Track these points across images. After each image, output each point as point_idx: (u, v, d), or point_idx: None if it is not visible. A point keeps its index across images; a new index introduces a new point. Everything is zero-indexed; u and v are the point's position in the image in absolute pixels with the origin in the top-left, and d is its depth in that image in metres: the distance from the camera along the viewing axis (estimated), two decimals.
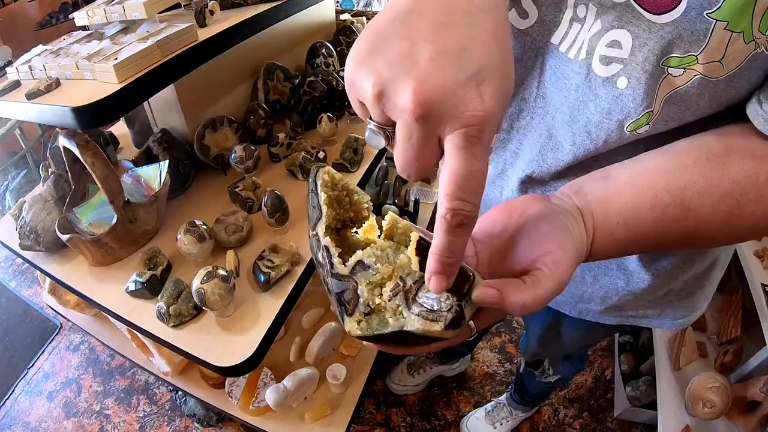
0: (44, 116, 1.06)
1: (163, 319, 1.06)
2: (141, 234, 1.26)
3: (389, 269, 0.42)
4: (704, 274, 0.75)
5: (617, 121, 0.54)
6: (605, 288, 0.76)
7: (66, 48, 1.29)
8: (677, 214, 0.47)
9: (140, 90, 1.02)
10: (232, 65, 1.47)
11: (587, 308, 0.82)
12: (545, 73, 0.61)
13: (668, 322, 0.82)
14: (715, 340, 1.73)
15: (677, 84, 0.49)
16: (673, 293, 0.77)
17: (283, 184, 1.34)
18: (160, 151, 1.35)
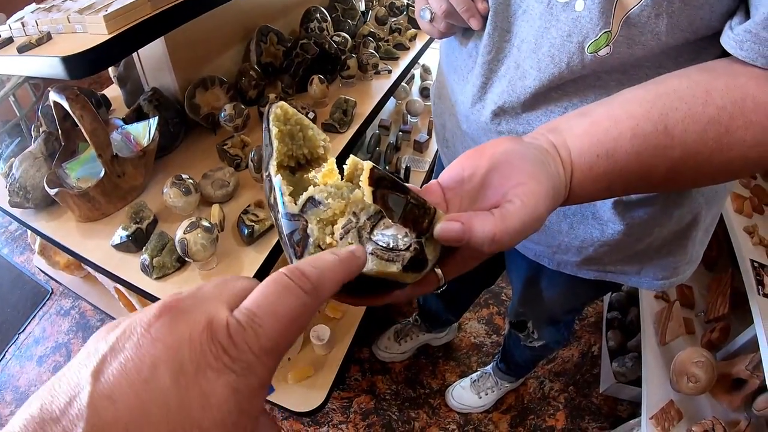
0: (34, 68, 1.09)
1: (146, 271, 1.09)
2: (129, 189, 1.28)
3: (341, 204, 0.38)
4: (684, 231, 0.77)
5: (577, 43, 0.57)
6: (581, 237, 0.78)
7: (59, 5, 1.31)
8: (661, 142, 0.45)
9: (129, 41, 1.04)
10: (225, 27, 1.48)
11: (565, 259, 0.85)
12: (510, 7, 0.64)
13: (648, 281, 0.84)
14: (703, 317, 1.76)
15: (632, 3, 0.51)
16: (652, 250, 0.79)
17: (259, 139, 1.36)
18: (151, 110, 1.37)
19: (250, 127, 1.35)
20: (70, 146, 1.38)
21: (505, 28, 0.66)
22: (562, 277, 0.91)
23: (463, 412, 1.78)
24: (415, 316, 1.89)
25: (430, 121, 2.37)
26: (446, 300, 1.67)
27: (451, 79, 0.84)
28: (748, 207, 1.68)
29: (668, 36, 0.53)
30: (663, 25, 0.52)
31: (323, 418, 1.77)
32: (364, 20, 1.91)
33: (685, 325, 1.70)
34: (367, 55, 1.56)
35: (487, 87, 0.72)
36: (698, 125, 0.45)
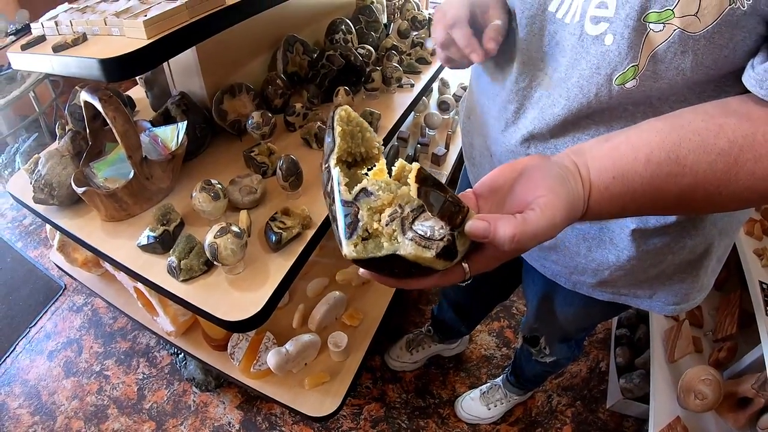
0: (70, 68, 1.10)
1: (173, 273, 1.09)
2: (156, 191, 1.29)
3: (390, 196, 0.44)
4: (697, 261, 0.78)
5: (605, 75, 0.59)
6: (597, 261, 0.80)
7: (92, 6, 1.31)
8: (672, 170, 0.48)
9: (167, 48, 1.05)
10: (253, 35, 1.50)
11: (581, 280, 0.86)
12: (544, 38, 0.67)
13: (659, 305, 0.86)
14: (711, 336, 1.76)
15: (659, 40, 0.54)
16: (665, 276, 0.80)
17: (297, 152, 1.36)
18: (178, 114, 1.38)
19: (276, 135, 1.36)
20: (97, 146, 1.39)
21: (539, 57, 0.69)
22: (577, 297, 0.93)
23: (472, 423, 1.78)
24: (427, 327, 1.88)
25: (448, 135, 2.38)
26: (460, 312, 1.67)
27: (483, 102, 0.86)
28: (758, 229, 1.69)
29: (693, 72, 0.54)
30: (688, 62, 0.54)
31: (333, 424, 1.77)
32: (387, 33, 1.92)
33: (693, 344, 1.71)
34: (391, 69, 1.57)
35: (520, 113, 0.74)
36: (709, 156, 0.47)
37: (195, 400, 1.85)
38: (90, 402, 1.89)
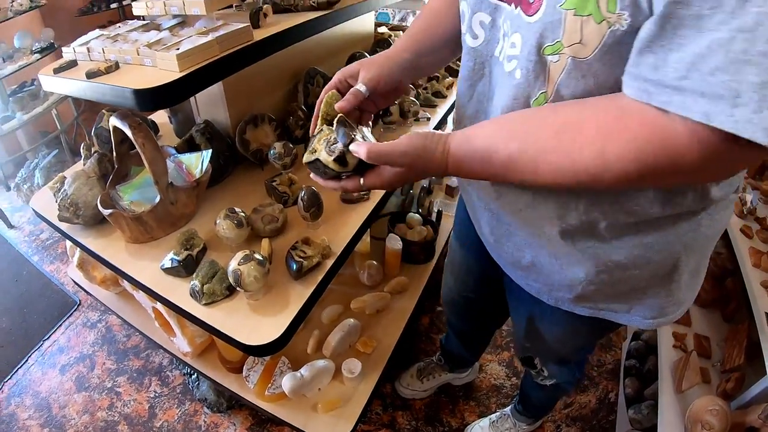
0: (103, 95, 1.13)
1: (196, 296, 1.12)
2: (179, 216, 1.32)
3: (327, 132, 0.80)
4: (666, 276, 0.82)
5: (524, 100, 0.70)
6: (570, 277, 0.85)
7: (124, 35, 1.36)
8: (509, 133, 0.65)
9: (198, 80, 1.09)
10: (276, 67, 1.54)
11: (561, 296, 0.92)
12: (484, 69, 0.80)
13: (638, 319, 0.89)
14: (719, 367, 1.76)
15: (559, 69, 0.62)
16: (638, 291, 0.85)
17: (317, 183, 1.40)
18: (203, 141, 1.42)
19: (297, 166, 1.39)
20: (122, 169, 1.43)
21: (484, 89, 0.82)
22: (561, 315, 0.97)
23: None
24: (438, 356, 1.89)
25: None
26: (463, 339, 1.70)
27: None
28: (765, 262, 1.70)
29: (599, 91, 0.60)
30: (591, 83, 0.61)
31: None
32: None
33: (701, 375, 1.71)
34: (408, 103, 1.61)
35: None
36: (536, 127, 0.62)
37: (206, 421, 1.86)
38: (100, 417, 1.90)
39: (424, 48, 0.94)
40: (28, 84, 3.31)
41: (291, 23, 1.29)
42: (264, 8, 1.30)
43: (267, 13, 1.30)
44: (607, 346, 2.17)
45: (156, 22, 1.42)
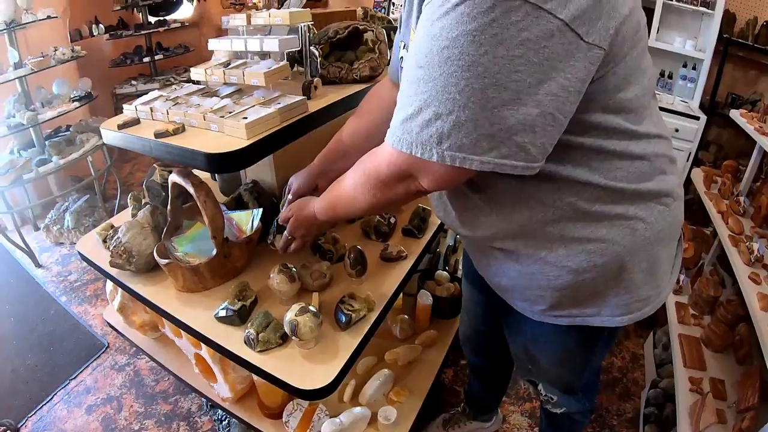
0: (171, 155, 1.26)
1: (250, 344, 1.21)
2: (231, 269, 1.43)
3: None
4: (617, 276, 0.93)
5: None
6: (539, 288, 0.98)
7: (184, 98, 1.50)
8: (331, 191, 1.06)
9: (263, 148, 1.21)
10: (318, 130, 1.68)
11: (540, 309, 1.03)
12: None
13: (609, 319, 1.00)
14: (735, 408, 1.82)
15: None
16: (600, 294, 0.97)
17: (358, 242, 1.52)
18: (251, 200, 1.54)
19: (339, 226, 1.51)
20: (175, 221, 1.53)
21: None
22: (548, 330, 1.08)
23: None
24: (462, 405, 1.95)
25: None
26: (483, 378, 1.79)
27: None
28: None
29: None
30: None
31: None
32: None
33: (717, 415, 1.76)
34: None
35: None
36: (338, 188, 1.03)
37: None
38: None
39: (332, 156, 1.37)
40: (63, 129, 3.47)
41: (339, 96, 1.43)
42: (315, 81, 1.43)
43: (317, 86, 1.44)
44: (627, 396, 2.22)
45: (213, 89, 1.55)
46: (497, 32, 0.62)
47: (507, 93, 0.65)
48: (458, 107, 0.66)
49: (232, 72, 1.46)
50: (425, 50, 0.68)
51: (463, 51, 0.64)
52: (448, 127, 0.68)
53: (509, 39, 0.63)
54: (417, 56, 0.70)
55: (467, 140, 0.68)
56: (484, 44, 0.63)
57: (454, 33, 0.64)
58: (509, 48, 0.63)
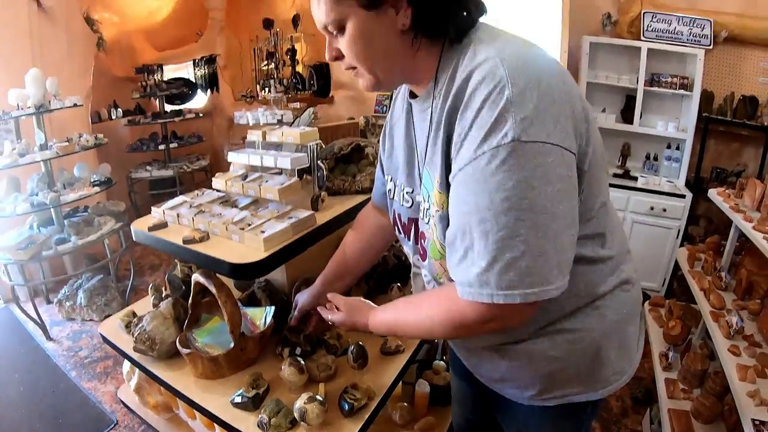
0: (197, 259, 1.53)
1: (263, 428, 1.42)
2: (246, 360, 1.66)
3: None
4: (595, 358, 1.08)
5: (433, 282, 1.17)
6: (526, 376, 1.12)
7: (206, 206, 1.77)
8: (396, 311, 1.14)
9: (278, 259, 1.47)
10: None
11: (529, 395, 1.15)
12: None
13: (591, 394, 1.14)
14: None
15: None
16: (581, 374, 1.10)
17: (360, 338, 1.71)
18: (263, 297, 1.78)
19: None
20: (195, 314, 1.77)
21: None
22: (539, 412, 1.18)
23: None
24: None
25: None
26: None
27: None
28: (752, 374, 1.95)
29: None
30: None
31: None
32: None
33: None
34: None
35: None
36: (406, 307, 1.12)
37: None
38: None
39: (330, 277, 1.52)
40: (81, 210, 3.77)
41: (343, 207, 1.71)
42: (322, 195, 1.71)
43: (324, 199, 1.72)
44: None
45: (232, 198, 1.83)
46: (542, 174, 0.80)
47: (561, 221, 0.83)
48: (530, 246, 0.81)
49: (250, 185, 1.74)
50: (485, 204, 0.82)
51: (522, 196, 0.80)
52: (525, 266, 0.82)
53: (552, 177, 0.81)
54: (477, 212, 0.84)
55: (543, 274, 0.83)
56: (537, 186, 0.80)
57: (510, 183, 0.80)
58: (553, 184, 0.81)
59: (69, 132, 3.69)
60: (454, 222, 0.91)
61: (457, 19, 0.96)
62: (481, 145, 0.83)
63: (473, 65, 0.89)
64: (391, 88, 1.18)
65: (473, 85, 0.86)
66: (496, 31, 0.98)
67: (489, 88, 0.83)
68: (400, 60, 1.01)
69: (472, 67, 0.89)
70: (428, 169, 1.05)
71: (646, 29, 3.93)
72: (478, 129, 0.83)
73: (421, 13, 0.95)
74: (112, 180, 3.66)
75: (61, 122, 3.86)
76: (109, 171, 3.73)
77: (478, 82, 0.85)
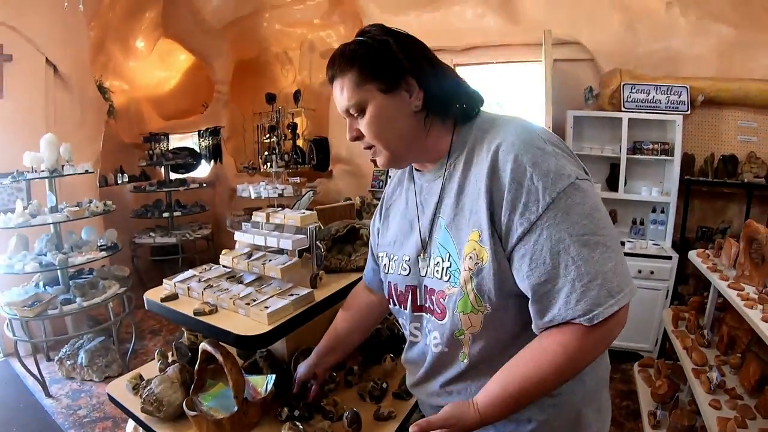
0: (206, 330, 1.74)
1: None
2: (248, 423, 1.83)
3: None
4: (576, 421, 1.21)
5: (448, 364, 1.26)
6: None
7: (214, 280, 1.99)
8: (509, 376, 1.08)
9: (279, 332, 1.69)
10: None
11: None
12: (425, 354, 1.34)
13: None
14: None
15: (467, 341, 1.19)
16: None
17: (355, 405, 1.88)
18: (265, 366, 1.97)
19: (338, 390, 1.95)
20: (201, 380, 1.96)
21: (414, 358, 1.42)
22: None
23: None
24: None
25: None
26: None
27: None
28: (732, 426, 2.12)
29: (491, 343, 1.15)
30: (483, 343, 1.15)
31: None
32: None
33: None
34: None
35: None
36: (523, 367, 1.07)
37: None
38: None
39: (323, 351, 1.72)
40: (86, 272, 3.99)
41: (339, 285, 1.93)
42: (320, 274, 1.94)
43: (321, 277, 1.95)
44: None
45: (238, 274, 2.06)
46: (598, 200, 1.06)
47: (617, 235, 1.07)
48: (617, 254, 1.03)
49: (255, 263, 1.98)
50: (576, 234, 1.00)
51: (597, 218, 1.03)
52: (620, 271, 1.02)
53: (599, 202, 1.07)
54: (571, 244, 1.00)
55: (628, 275, 1.04)
56: (600, 209, 1.05)
57: (585, 212, 1.02)
58: (602, 207, 1.07)
59: (77, 194, 3.97)
60: (544, 264, 1.02)
61: (462, 99, 1.20)
62: (552, 189, 1.02)
63: (498, 136, 1.12)
64: (405, 165, 1.35)
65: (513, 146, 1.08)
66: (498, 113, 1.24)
67: (534, 147, 1.07)
68: (414, 138, 1.20)
69: (505, 132, 1.12)
70: (450, 230, 1.19)
71: (626, 100, 4.20)
72: (540, 180, 1.03)
73: (431, 95, 1.16)
74: (118, 245, 3.90)
75: (70, 184, 4.14)
76: (116, 236, 3.98)
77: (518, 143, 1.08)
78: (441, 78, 1.19)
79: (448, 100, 1.19)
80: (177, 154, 6.07)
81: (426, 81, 1.16)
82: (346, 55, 1.16)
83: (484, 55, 5.37)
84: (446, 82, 1.20)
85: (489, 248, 1.09)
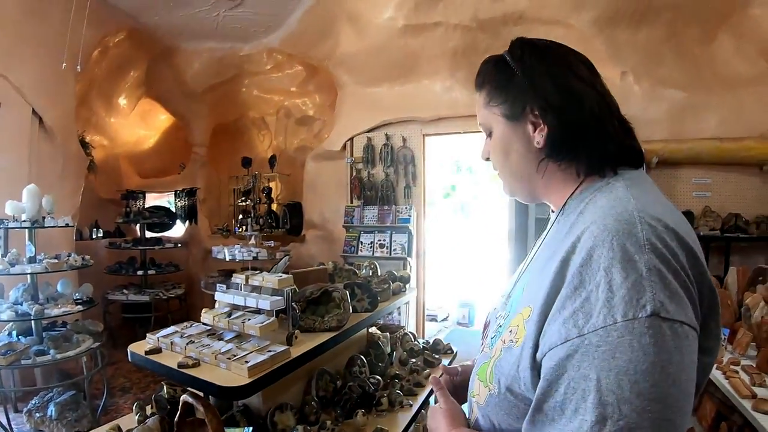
0: (190, 381, 1.98)
1: None
2: None
3: None
4: None
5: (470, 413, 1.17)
6: None
7: (195, 336, 2.26)
8: None
9: (258, 385, 1.95)
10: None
11: None
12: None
13: None
14: None
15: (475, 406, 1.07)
16: None
17: None
18: (242, 420, 2.21)
19: None
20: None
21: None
22: None
23: None
24: None
25: None
26: None
27: None
28: None
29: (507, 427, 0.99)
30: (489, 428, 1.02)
31: None
32: (391, 361, 2.89)
33: None
34: (395, 394, 2.48)
35: None
36: None
37: None
38: None
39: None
40: (60, 324, 4.19)
41: (313, 343, 2.21)
42: (295, 333, 2.23)
43: (297, 336, 2.23)
44: None
45: (218, 332, 2.32)
46: (679, 360, 0.74)
47: (684, 417, 0.76)
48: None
49: (235, 322, 2.26)
50: (610, 386, 0.73)
51: (654, 383, 0.72)
52: None
53: (687, 364, 0.76)
54: (597, 391, 0.74)
55: None
56: (672, 374, 0.73)
57: (644, 366, 0.72)
58: (687, 372, 0.76)
59: (54, 245, 4.20)
60: (558, 391, 0.80)
61: (600, 149, 1.00)
62: (610, 312, 0.76)
63: (610, 211, 0.87)
64: (526, 200, 1.18)
65: (601, 234, 0.83)
66: (647, 184, 1.00)
67: (623, 248, 0.79)
68: (528, 178, 1.08)
69: (606, 213, 0.87)
70: (523, 292, 1.02)
71: None
72: (607, 291, 0.77)
73: (556, 137, 0.99)
74: (94, 300, 4.13)
75: (47, 236, 4.35)
76: (91, 291, 4.20)
77: (609, 234, 0.82)
78: (577, 116, 1.00)
79: (575, 145, 1.00)
80: (154, 213, 6.37)
81: (552, 119, 1.00)
82: (481, 72, 1.13)
83: (452, 125, 5.88)
84: (582, 123, 1.00)
85: (528, 334, 0.90)
